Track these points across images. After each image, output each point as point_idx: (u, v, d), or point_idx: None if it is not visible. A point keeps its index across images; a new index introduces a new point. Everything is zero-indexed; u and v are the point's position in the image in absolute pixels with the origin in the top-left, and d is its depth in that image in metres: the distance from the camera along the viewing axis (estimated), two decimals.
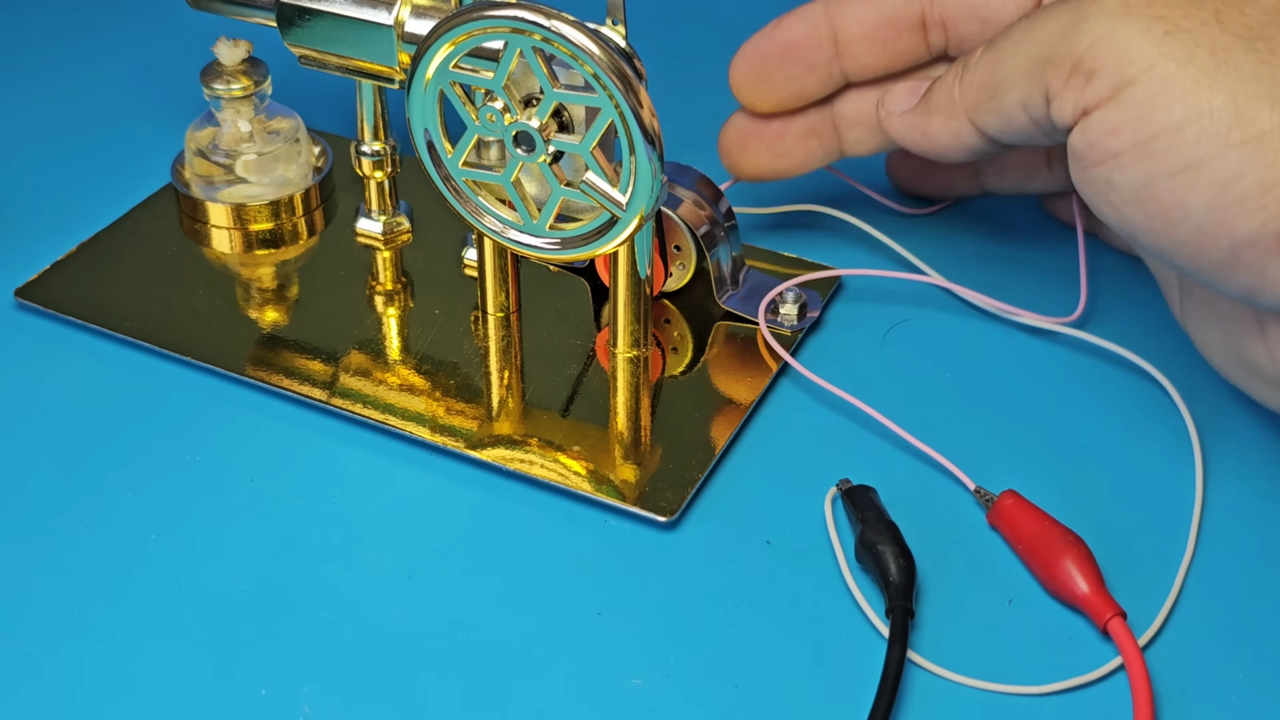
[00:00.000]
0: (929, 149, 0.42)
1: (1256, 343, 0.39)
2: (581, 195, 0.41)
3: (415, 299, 0.47)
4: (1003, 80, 0.39)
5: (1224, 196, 0.35)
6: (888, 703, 0.35)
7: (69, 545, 0.39)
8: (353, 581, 0.38)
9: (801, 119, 0.46)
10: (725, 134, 0.47)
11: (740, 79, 0.46)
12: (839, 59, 0.45)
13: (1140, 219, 0.36)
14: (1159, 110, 0.35)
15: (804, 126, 0.46)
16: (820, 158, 0.47)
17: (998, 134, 0.40)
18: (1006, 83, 0.39)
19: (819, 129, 0.46)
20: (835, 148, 0.47)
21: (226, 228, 0.50)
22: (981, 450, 0.42)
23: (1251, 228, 0.35)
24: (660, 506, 0.40)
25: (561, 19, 0.38)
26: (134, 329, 0.46)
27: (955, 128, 0.41)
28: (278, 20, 0.45)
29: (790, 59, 0.45)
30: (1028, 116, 0.39)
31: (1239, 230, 0.35)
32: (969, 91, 0.40)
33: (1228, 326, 0.40)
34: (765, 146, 0.47)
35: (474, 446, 0.42)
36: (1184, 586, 0.38)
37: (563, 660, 0.37)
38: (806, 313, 0.46)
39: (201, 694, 0.36)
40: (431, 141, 0.42)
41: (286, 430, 0.43)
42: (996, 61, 0.39)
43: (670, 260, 0.46)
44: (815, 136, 0.46)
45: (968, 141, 0.41)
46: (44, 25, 0.63)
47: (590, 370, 0.44)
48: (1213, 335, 0.40)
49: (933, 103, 0.42)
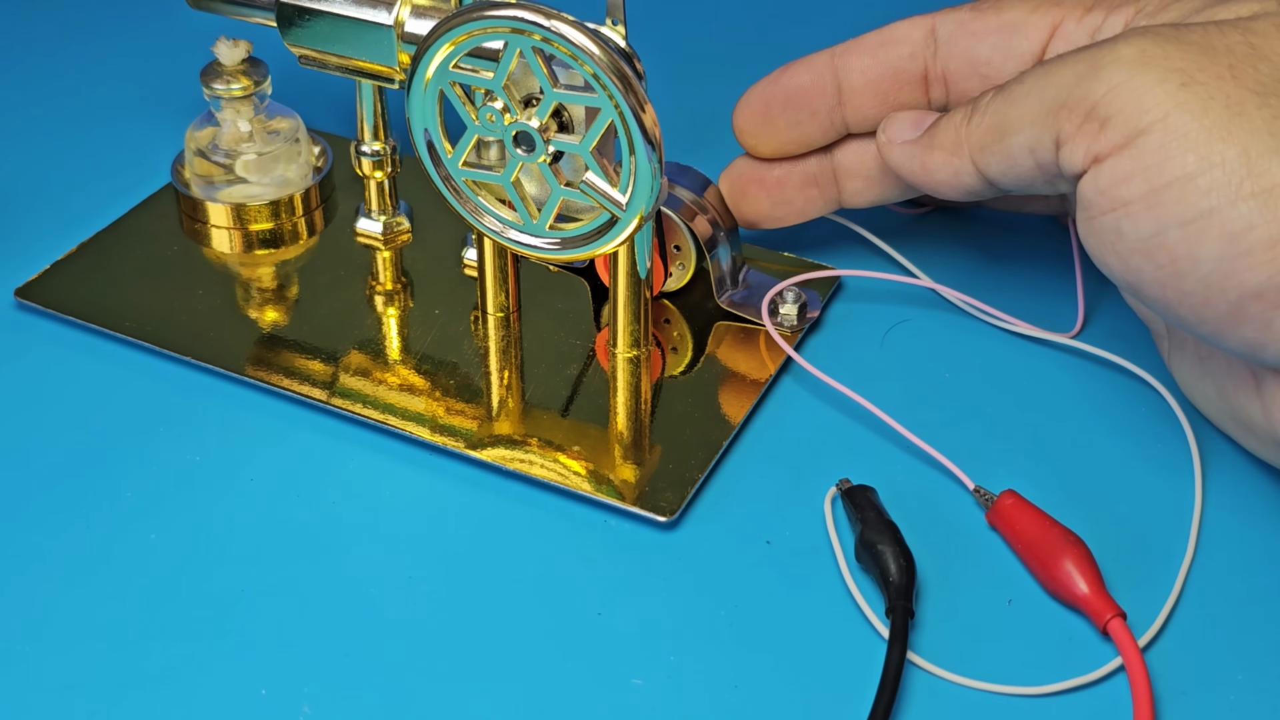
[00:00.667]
0: (925, 183, 0.43)
1: (1252, 401, 0.39)
2: (581, 195, 0.41)
3: (415, 299, 0.47)
4: (1012, 123, 0.39)
5: (1233, 248, 0.35)
6: (888, 703, 0.35)
7: (68, 545, 0.39)
8: (353, 581, 0.38)
9: (802, 167, 0.46)
10: (726, 178, 0.47)
11: (744, 122, 0.46)
12: (841, 107, 0.45)
13: (1148, 269, 0.36)
14: (1172, 159, 0.35)
15: (804, 175, 0.46)
16: (820, 206, 0.47)
17: (998, 178, 0.40)
18: (1016, 125, 0.39)
19: (819, 178, 0.46)
20: (834, 197, 0.47)
21: (226, 228, 0.50)
22: (981, 450, 0.42)
23: (1259, 279, 0.35)
24: (660, 506, 0.40)
25: (561, 19, 0.38)
26: (134, 329, 0.46)
27: (956, 166, 0.41)
28: (277, 20, 0.45)
29: (794, 104, 0.45)
30: (1033, 161, 0.39)
31: (1247, 282, 0.35)
32: (976, 132, 0.40)
33: (1221, 383, 0.40)
34: (766, 193, 0.47)
35: (474, 446, 0.42)
36: (1184, 588, 0.38)
37: (563, 660, 0.37)
38: (806, 313, 0.46)
39: (201, 694, 0.36)
40: (431, 141, 0.42)
41: (286, 430, 0.43)
42: (1008, 104, 0.39)
43: (670, 260, 0.46)
44: (815, 185, 0.47)
45: (966, 182, 0.41)
46: (44, 25, 0.62)
47: (590, 370, 0.44)
48: (1206, 390, 0.41)
49: (938, 138, 0.42)
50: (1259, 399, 0.38)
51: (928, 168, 0.42)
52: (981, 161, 0.41)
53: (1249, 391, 0.39)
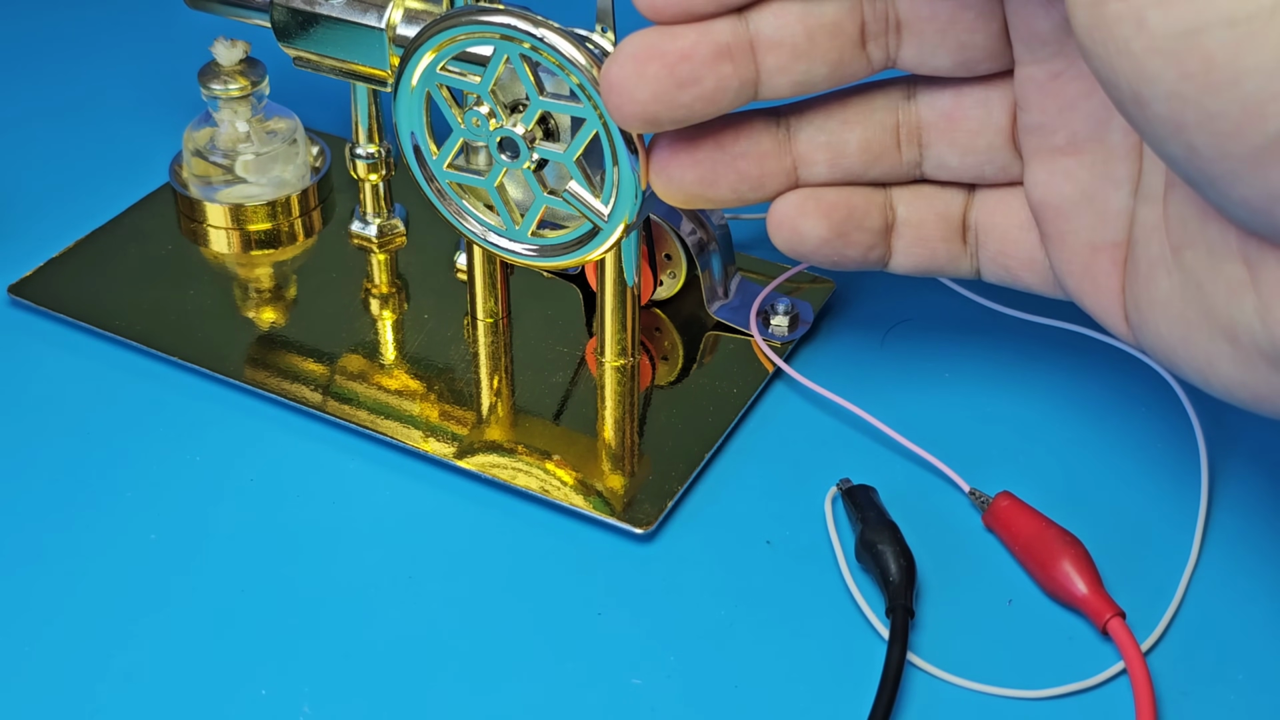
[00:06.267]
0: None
1: (1243, 298, 0.31)
2: (564, 204, 0.40)
3: (409, 303, 0.47)
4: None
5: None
6: (887, 703, 0.35)
7: (65, 544, 0.39)
8: (354, 582, 0.38)
9: (713, 35, 0.36)
10: (619, 56, 0.36)
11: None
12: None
13: (1168, 77, 0.28)
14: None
15: (714, 46, 0.36)
16: (733, 90, 0.36)
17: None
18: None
19: (733, 49, 0.36)
20: (751, 78, 0.37)
21: (224, 228, 0.50)
22: (981, 451, 0.42)
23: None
24: (637, 519, 0.39)
25: (549, 27, 0.38)
26: (126, 328, 0.46)
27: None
28: (271, 22, 0.45)
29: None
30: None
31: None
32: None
33: (1200, 281, 0.32)
34: (669, 70, 0.36)
35: (461, 455, 0.41)
36: (1189, 587, 0.38)
37: (563, 660, 0.37)
38: (799, 324, 0.45)
39: (201, 694, 0.36)
40: (417, 144, 0.41)
41: (279, 432, 0.43)
42: None
43: (661, 269, 0.46)
44: (729, 59, 0.36)
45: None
46: (43, 24, 0.63)
47: (579, 378, 0.44)
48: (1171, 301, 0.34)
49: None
50: (1254, 293, 0.31)
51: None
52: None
53: (1239, 286, 0.31)
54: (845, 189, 0.39)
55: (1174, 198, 0.33)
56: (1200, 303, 0.32)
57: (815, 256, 0.39)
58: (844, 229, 0.39)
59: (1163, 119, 0.29)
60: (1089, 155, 0.36)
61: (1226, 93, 0.27)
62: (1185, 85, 0.28)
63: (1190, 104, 0.28)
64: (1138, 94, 0.29)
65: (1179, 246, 0.33)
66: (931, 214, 0.39)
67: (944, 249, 0.39)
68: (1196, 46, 0.27)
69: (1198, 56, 0.27)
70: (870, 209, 0.39)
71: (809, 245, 0.39)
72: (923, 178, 0.39)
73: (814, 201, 0.38)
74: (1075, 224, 0.36)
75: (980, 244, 0.39)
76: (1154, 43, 0.28)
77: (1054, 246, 0.37)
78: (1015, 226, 0.38)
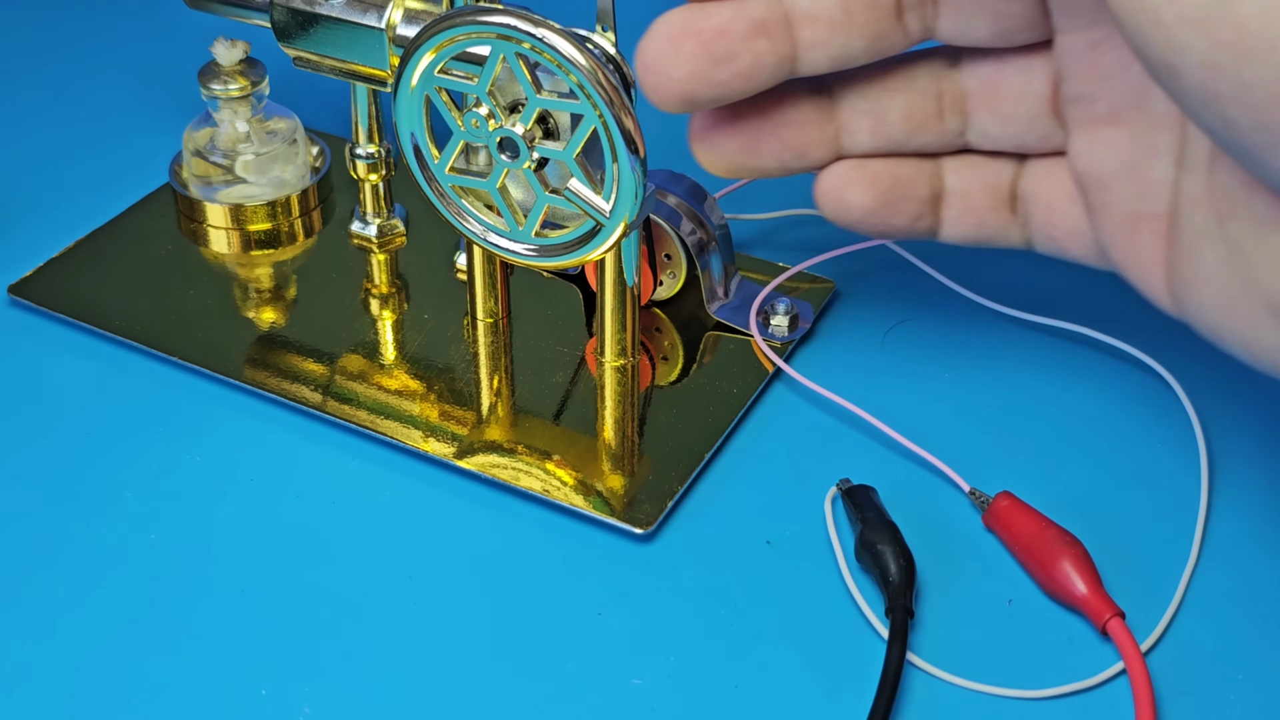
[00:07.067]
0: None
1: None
2: (566, 202, 0.40)
3: (409, 303, 0.47)
4: None
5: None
6: (887, 703, 0.35)
7: (65, 545, 0.39)
8: (355, 581, 0.38)
9: (748, 10, 0.36)
10: (654, 35, 0.37)
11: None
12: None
13: (1200, 47, 0.27)
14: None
15: (750, 22, 0.36)
16: (771, 66, 0.37)
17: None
18: None
19: (769, 25, 0.36)
20: (788, 52, 0.37)
21: (224, 228, 0.50)
22: (981, 451, 0.42)
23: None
24: (637, 519, 0.39)
25: (548, 27, 0.38)
26: (126, 328, 0.46)
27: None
28: (271, 22, 0.45)
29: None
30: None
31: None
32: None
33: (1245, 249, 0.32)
34: (704, 47, 0.36)
35: (462, 455, 0.41)
36: (1189, 588, 0.38)
37: (563, 660, 0.36)
38: (798, 324, 0.45)
39: (202, 694, 0.36)
40: (417, 144, 0.41)
41: (279, 432, 0.43)
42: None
43: (660, 269, 0.46)
44: (764, 34, 0.36)
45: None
46: (43, 25, 0.63)
47: (579, 378, 0.44)
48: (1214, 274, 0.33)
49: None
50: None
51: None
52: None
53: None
54: (892, 160, 0.39)
55: (1218, 168, 0.33)
56: (1245, 275, 0.32)
57: (862, 226, 0.39)
58: (890, 198, 0.39)
59: (1197, 89, 0.28)
60: (1130, 125, 0.35)
61: (1261, 61, 0.27)
62: (1218, 55, 0.27)
63: (1224, 74, 0.27)
64: (1170, 64, 0.28)
65: (1224, 217, 0.32)
66: (979, 184, 0.39)
67: (992, 219, 0.39)
68: (1229, 15, 0.27)
69: (1230, 25, 0.27)
70: (917, 178, 0.39)
71: (854, 215, 0.39)
72: (967, 147, 0.39)
73: (859, 171, 0.39)
74: (1117, 194, 0.36)
75: (1029, 215, 0.39)
76: (1185, 11, 0.27)
77: (1097, 217, 0.37)
78: (1061, 197, 0.38)
